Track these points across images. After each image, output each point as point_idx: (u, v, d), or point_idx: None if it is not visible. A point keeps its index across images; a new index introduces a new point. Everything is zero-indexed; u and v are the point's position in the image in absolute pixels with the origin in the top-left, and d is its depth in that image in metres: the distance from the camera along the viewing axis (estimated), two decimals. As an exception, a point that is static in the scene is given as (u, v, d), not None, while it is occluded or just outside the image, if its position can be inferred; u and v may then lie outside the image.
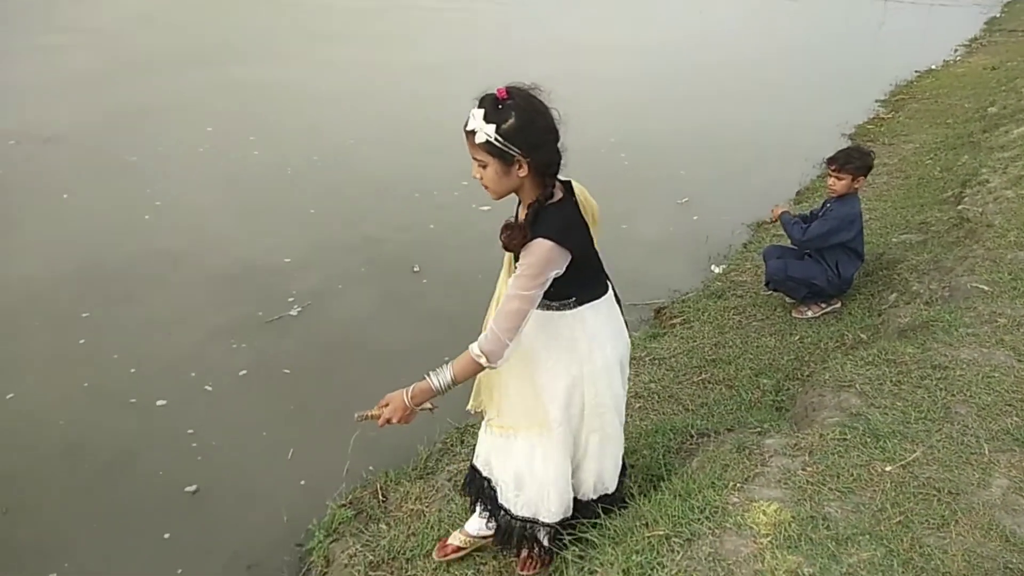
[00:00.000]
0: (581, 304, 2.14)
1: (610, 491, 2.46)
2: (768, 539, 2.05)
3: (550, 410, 2.22)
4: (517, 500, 2.40)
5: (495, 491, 2.46)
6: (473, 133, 1.88)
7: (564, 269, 1.99)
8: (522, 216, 2.01)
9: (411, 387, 2.06)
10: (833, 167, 4.08)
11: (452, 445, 3.42)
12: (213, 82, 9.71)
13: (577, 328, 2.15)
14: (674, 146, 8.07)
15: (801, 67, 12.04)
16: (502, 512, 2.46)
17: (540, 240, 1.93)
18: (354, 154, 7.45)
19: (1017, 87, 8.43)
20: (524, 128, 1.86)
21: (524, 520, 2.42)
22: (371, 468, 3.32)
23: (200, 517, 3.20)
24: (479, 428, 3.48)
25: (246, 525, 3.15)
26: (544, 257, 1.93)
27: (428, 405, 2.11)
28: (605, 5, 17.55)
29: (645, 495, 2.47)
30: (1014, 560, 1.97)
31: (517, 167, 1.91)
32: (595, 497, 2.45)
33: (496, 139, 1.86)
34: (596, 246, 2.18)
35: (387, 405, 2.07)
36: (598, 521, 2.41)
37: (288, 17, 14.55)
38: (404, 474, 3.21)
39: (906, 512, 2.14)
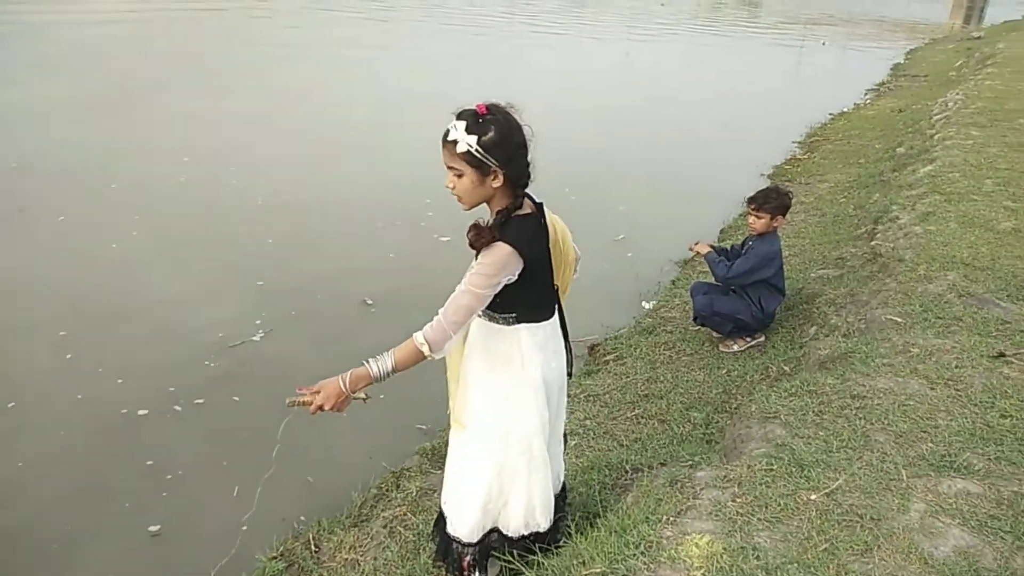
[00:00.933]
0: (520, 323, 2.22)
1: (542, 529, 2.44)
2: (701, 571, 2.08)
3: (476, 412, 2.29)
4: (444, 497, 2.46)
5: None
6: (454, 143, 1.99)
7: (516, 276, 2.07)
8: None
9: (348, 373, 2.07)
10: (753, 206, 4.25)
11: (388, 490, 3.36)
12: (185, 112, 9.89)
13: (513, 345, 2.23)
14: (614, 184, 8.27)
15: (723, 110, 12.47)
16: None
17: (501, 243, 2.03)
18: (322, 185, 7.66)
19: (922, 129, 8.90)
20: (502, 141, 2.00)
21: (446, 519, 2.46)
22: (302, 518, 3.23)
23: (152, 562, 3.10)
24: (414, 472, 3.47)
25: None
26: (502, 260, 2.03)
27: (362, 395, 2.10)
28: (533, 53, 17.95)
29: (581, 532, 2.48)
30: (933, 582, 2.05)
31: (492, 178, 2.03)
32: (526, 533, 2.43)
33: (477, 150, 1.98)
34: (562, 283, 2.30)
35: (319, 392, 2.06)
36: (535, 559, 2.40)
37: (251, 52, 14.71)
38: (338, 522, 3.15)
39: (831, 539, 2.20)
